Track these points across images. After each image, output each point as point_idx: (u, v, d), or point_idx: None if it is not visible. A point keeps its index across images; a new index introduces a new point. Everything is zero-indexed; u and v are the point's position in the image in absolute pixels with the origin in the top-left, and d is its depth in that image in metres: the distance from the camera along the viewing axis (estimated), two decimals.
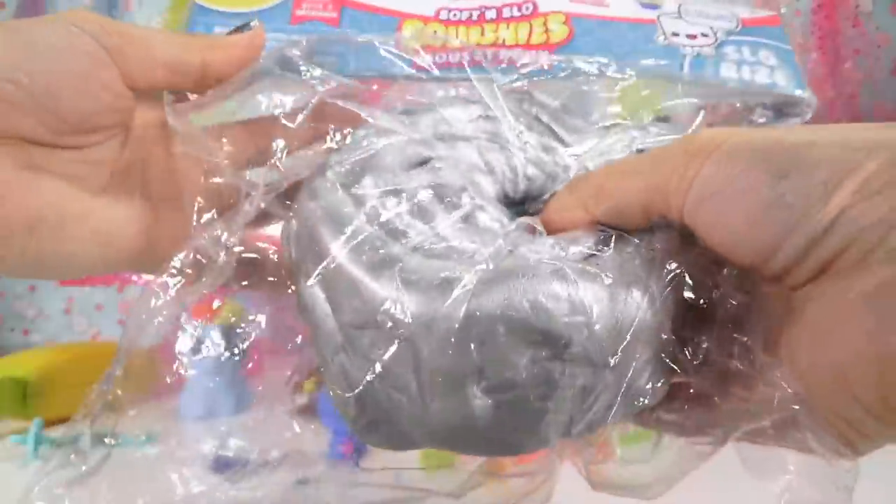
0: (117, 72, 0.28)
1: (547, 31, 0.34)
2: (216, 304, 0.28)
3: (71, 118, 0.27)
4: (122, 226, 0.30)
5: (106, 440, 0.25)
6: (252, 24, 0.32)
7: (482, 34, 0.34)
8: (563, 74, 0.31)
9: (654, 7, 0.34)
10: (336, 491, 0.28)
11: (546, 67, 0.31)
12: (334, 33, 0.33)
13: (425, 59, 0.31)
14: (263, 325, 0.28)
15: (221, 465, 0.29)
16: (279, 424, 0.27)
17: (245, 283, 0.28)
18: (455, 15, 0.34)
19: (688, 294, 0.24)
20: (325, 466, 0.29)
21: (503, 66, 0.31)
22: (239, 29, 0.32)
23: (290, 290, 0.28)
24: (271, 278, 0.29)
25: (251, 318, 0.28)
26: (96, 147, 0.29)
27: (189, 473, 0.26)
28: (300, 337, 0.28)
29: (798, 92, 0.32)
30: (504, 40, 0.34)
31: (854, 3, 0.90)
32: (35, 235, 0.27)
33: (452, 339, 0.22)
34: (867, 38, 0.90)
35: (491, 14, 0.34)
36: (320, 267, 0.25)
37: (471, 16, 0.34)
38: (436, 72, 0.31)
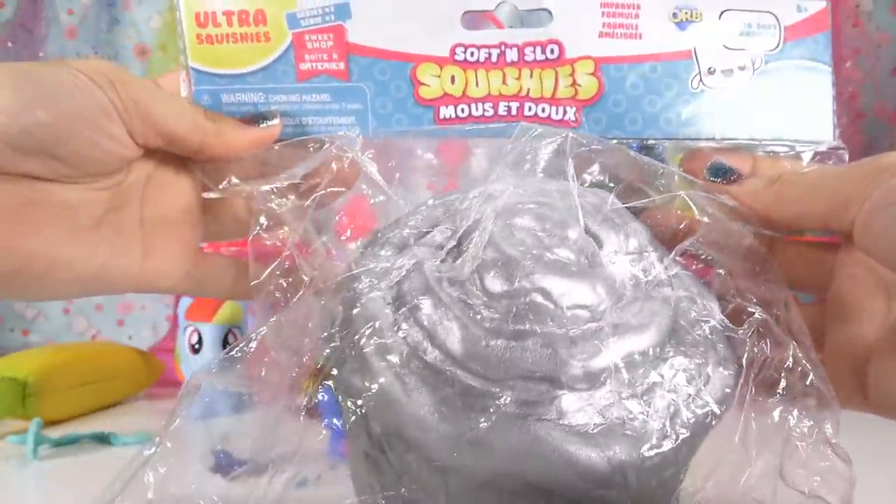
0: (123, 126, 0.28)
1: (575, 84, 0.33)
2: None
3: (77, 164, 0.27)
4: (113, 260, 0.29)
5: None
6: (271, 121, 0.31)
7: (504, 81, 0.33)
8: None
9: (688, 23, 0.33)
10: (336, 491, 0.28)
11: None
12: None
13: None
14: (264, 324, 0.28)
15: (221, 466, 0.29)
16: (279, 424, 0.27)
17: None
18: (473, 54, 0.32)
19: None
20: (325, 466, 0.29)
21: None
22: (257, 118, 0.31)
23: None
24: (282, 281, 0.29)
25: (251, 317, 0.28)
26: (100, 180, 0.29)
27: (188, 473, 0.26)
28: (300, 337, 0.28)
29: (828, 142, 0.33)
30: (529, 91, 0.33)
31: (854, 3, 0.90)
32: (14, 283, 0.27)
33: (475, 484, 0.24)
34: (867, 37, 0.90)
35: (512, 55, 0.33)
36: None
37: (490, 56, 0.32)
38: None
